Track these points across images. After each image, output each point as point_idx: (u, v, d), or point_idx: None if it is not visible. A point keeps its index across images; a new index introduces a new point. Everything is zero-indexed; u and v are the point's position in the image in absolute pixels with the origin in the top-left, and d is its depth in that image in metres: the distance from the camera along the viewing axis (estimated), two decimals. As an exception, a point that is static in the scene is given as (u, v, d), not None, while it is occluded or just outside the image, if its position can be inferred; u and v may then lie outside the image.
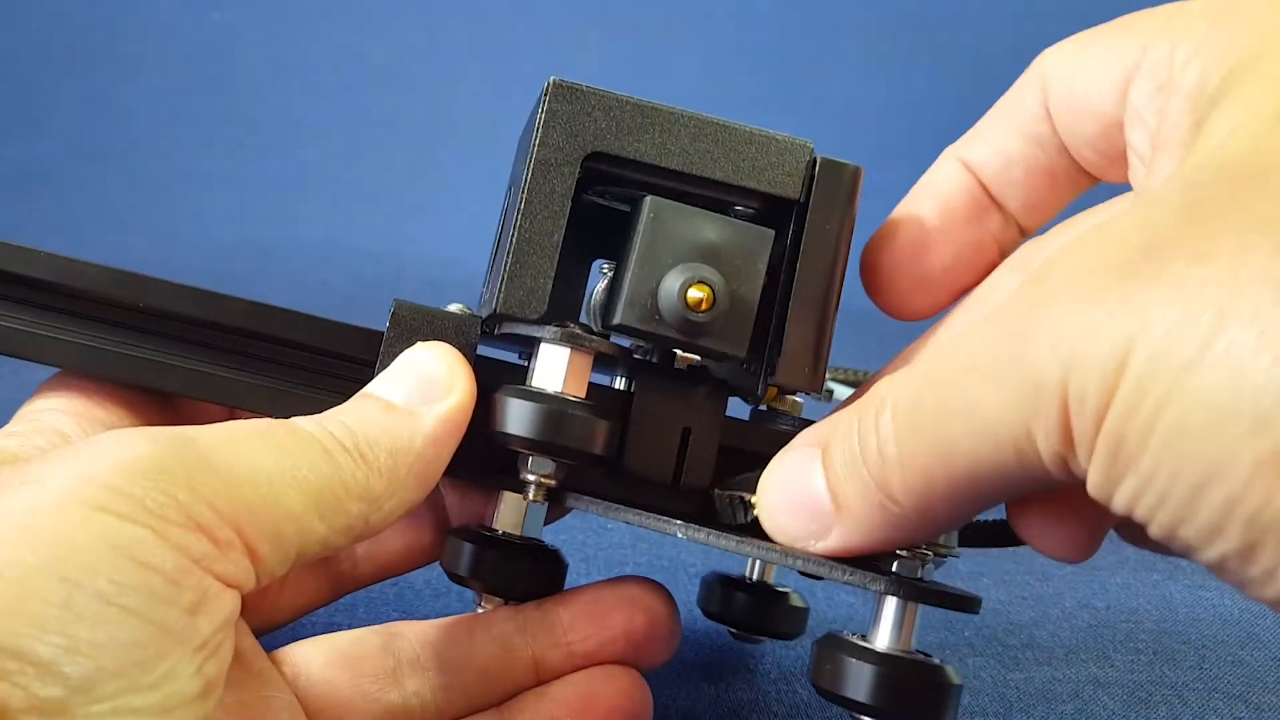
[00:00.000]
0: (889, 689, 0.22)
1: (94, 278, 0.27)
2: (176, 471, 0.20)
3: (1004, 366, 0.18)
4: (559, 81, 0.27)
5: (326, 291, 0.84)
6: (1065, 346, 0.17)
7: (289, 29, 0.94)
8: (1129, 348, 0.16)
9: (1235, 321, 0.15)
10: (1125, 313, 0.17)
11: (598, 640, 0.29)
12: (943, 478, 0.20)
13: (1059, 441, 0.18)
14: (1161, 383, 0.16)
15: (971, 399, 0.19)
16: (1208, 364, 0.16)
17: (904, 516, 0.21)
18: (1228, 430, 0.15)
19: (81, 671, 0.18)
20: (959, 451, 0.19)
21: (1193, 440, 0.16)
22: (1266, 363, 0.15)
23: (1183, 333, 0.16)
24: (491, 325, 0.28)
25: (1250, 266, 0.16)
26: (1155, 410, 0.16)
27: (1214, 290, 0.16)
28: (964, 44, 0.93)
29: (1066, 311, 0.17)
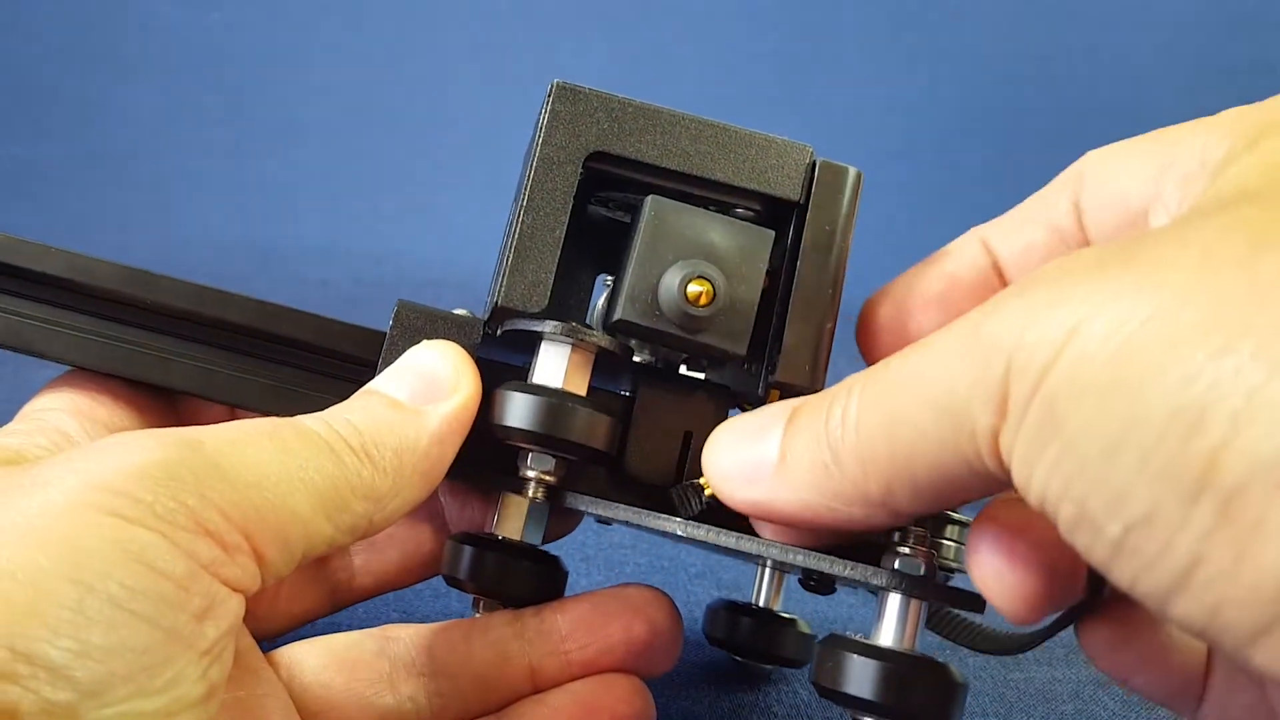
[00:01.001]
0: (895, 685, 0.21)
1: (103, 274, 0.28)
2: (185, 477, 0.20)
3: (961, 339, 0.19)
4: (562, 83, 0.27)
5: (326, 291, 0.84)
6: (1021, 321, 0.17)
7: (288, 29, 0.94)
8: (1086, 319, 0.16)
9: (1191, 296, 0.16)
10: (1090, 290, 0.17)
11: (595, 649, 0.29)
12: (885, 451, 0.20)
13: (995, 411, 0.18)
14: (1104, 350, 0.16)
15: (924, 368, 0.19)
16: (1151, 331, 0.16)
17: (840, 482, 0.21)
18: (1155, 387, 0.15)
19: (92, 676, 0.18)
20: (904, 420, 0.19)
21: (1118, 400, 0.16)
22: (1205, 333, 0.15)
23: (1140, 305, 0.16)
24: (494, 325, 0.28)
25: (1219, 253, 0.16)
26: (1091, 377, 0.16)
27: (1180, 271, 0.16)
28: (964, 44, 0.93)
29: (1033, 294, 0.18)
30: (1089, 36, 0.93)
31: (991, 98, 0.92)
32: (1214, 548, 0.15)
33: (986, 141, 0.92)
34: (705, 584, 0.45)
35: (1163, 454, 0.15)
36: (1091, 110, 0.93)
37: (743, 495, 0.23)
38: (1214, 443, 0.15)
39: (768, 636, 0.33)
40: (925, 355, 0.19)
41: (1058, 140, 0.92)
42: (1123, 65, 0.93)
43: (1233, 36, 0.93)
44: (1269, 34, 0.93)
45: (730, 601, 0.34)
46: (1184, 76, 0.93)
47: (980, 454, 0.18)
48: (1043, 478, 0.17)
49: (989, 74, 0.93)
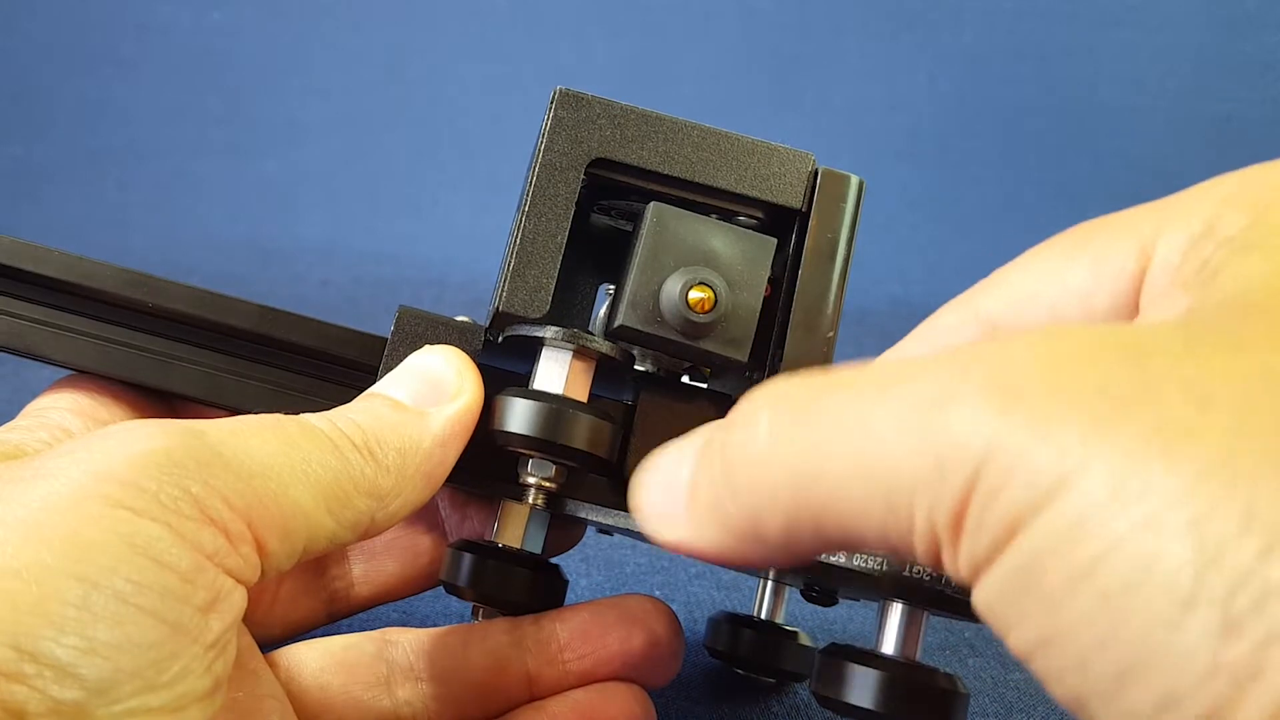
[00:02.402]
0: (896, 695, 0.21)
1: (105, 277, 0.28)
2: (188, 464, 0.20)
3: (921, 410, 0.15)
4: (565, 90, 0.27)
5: (326, 291, 0.84)
6: (1002, 431, 0.14)
7: (288, 29, 0.94)
8: (1078, 473, 0.13)
9: (1224, 491, 0.13)
10: (1087, 429, 0.14)
11: (593, 660, 0.29)
12: (789, 496, 0.17)
13: (945, 526, 0.15)
14: (1108, 532, 0.13)
15: (868, 426, 0.16)
16: (1177, 531, 0.13)
17: (734, 519, 0.18)
18: (1188, 620, 0.12)
19: (99, 673, 0.18)
20: (825, 474, 0.16)
21: (1136, 617, 0.13)
22: (1253, 551, 0.12)
23: (1154, 483, 0.13)
24: (495, 331, 0.28)
25: (1252, 430, 0.13)
26: (1091, 563, 0.13)
27: (1205, 444, 0.13)
28: (964, 44, 0.93)
29: (1019, 395, 0.14)
30: (1089, 36, 0.93)
31: (991, 98, 0.92)
32: None
33: (987, 142, 0.92)
34: (705, 584, 0.45)
35: (1197, 711, 0.12)
36: (1091, 110, 0.93)
37: (664, 537, 0.20)
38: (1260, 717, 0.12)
39: (770, 649, 0.33)
40: (873, 399, 0.16)
41: (1058, 140, 0.93)
42: (1123, 65, 0.93)
43: (1233, 36, 0.93)
44: (1269, 34, 0.93)
45: (732, 614, 0.34)
46: (1184, 76, 0.93)
47: (910, 545, 0.16)
48: (1025, 646, 0.15)
49: (989, 74, 0.93)
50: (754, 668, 0.34)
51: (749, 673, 0.35)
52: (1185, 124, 0.93)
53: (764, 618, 0.34)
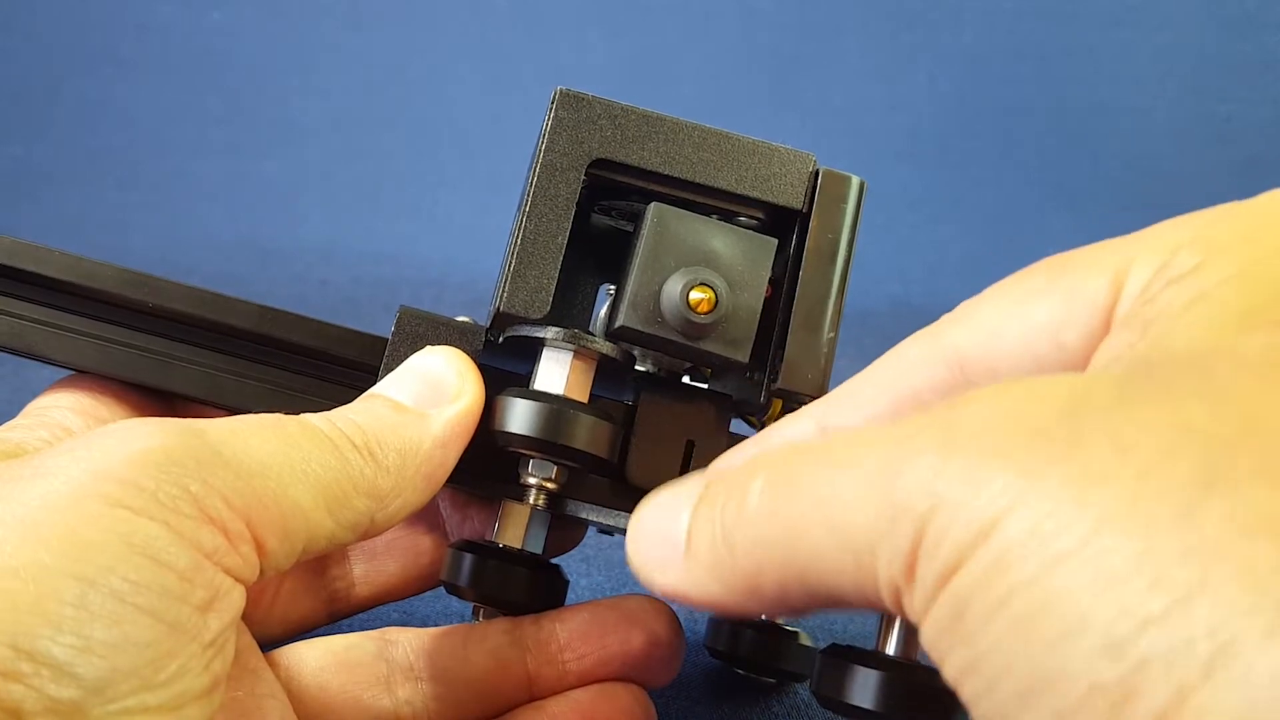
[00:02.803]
0: (897, 696, 0.21)
1: (105, 277, 0.28)
2: (187, 463, 0.20)
3: (878, 476, 0.17)
4: (565, 91, 0.27)
5: (326, 291, 0.84)
6: (943, 486, 0.15)
7: (288, 29, 0.94)
8: (1005, 515, 0.15)
9: (1124, 531, 0.14)
10: (1015, 478, 0.15)
11: (593, 660, 0.28)
12: (780, 556, 0.18)
13: (900, 574, 0.16)
14: (1023, 566, 0.14)
15: (837, 492, 0.17)
16: (1078, 565, 0.14)
17: (734, 575, 0.19)
18: (1076, 643, 0.14)
19: (96, 672, 0.18)
20: (804, 535, 0.18)
21: (1036, 641, 0.14)
22: (1140, 586, 0.13)
23: (1067, 523, 0.14)
24: (496, 331, 0.28)
25: (1160, 477, 0.14)
26: (1007, 593, 0.14)
27: (1115, 489, 0.14)
28: (964, 44, 0.93)
29: (960, 452, 0.16)
30: (1089, 36, 0.93)
31: (991, 98, 0.92)
32: None
33: (987, 142, 0.92)
34: (706, 586, 0.45)
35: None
36: (1091, 110, 0.93)
37: (658, 583, 0.21)
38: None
39: (770, 649, 0.33)
40: (840, 468, 0.17)
41: (1058, 140, 0.92)
42: (1123, 65, 0.93)
43: (1233, 36, 0.93)
44: (1269, 34, 0.93)
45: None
46: (1184, 76, 0.93)
47: (880, 597, 0.17)
48: (953, 674, 0.16)
49: (989, 74, 0.93)
50: (754, 668, 0.34)
51: (749, 673, 0.35)
52: (1185, 124, 0.92)
53: (764, 618, 0.34)
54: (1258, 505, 0.13)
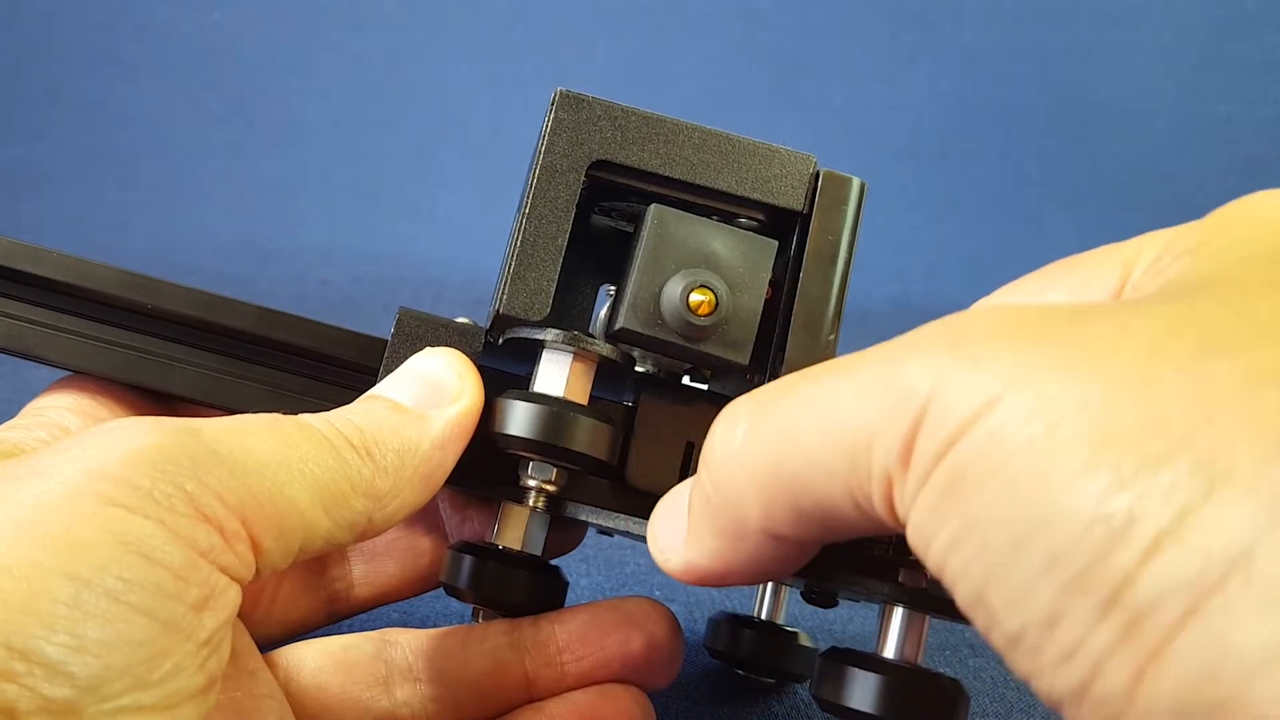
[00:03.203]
0: (897, 699, 0.21)
1: (104, 278, 0.28)
2: (183, 461, 0.20)
3: (878, 370, 0.17)
4: (566, 92, 0.27)
5: (326, 291, 0.84)
6: (949, 369, 0.16)
7: (289, 29, 0.94)
8: (1011, 386, 0.15)
9: (1129, 389, 0.15)
10: (1021, 356, 0.16)
11: (592, 662, 0.28)
12: (766, 472, 0.19)
13: (896, 459, 0.17)
14: (1028, 428, 0.15)
15: (835, 396, 0.18)
16: (1084, 421, 0.15)
17: (717, 510, 0.20)
18: (1079, 484, 0.14)
19: (90, 671, 0.18)
20: (796, 441, 0.18)
21: (1036, 490, 0.15)
22: (1146, 429, 0.14)
23: (1072, 387, 0.15)
24: (495, 333, 0.28)
25: (1165, 347, 0.15)
26: (1008, 456, 0.15)
27: (1120, 358, 0.15)
28: (964, 44, 0.93)
29: (961, 345, 0.16)
30: (1089, 37, 0.93)
31: (991, 98, 0.92)
32: (1114, 665, 0.14)
33: (987, 142, 0.92)
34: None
35: (1076, 561, 0.14)
36: (1091, 110, 0.93)
37: (672, 563, 0.22)
38: (1133, 559, 0.14)
39: (770, 650, 0.33)
40: (839, 376, 0.18)
41: (1058, 140, 0.92)
42: (1123, 65, 0.93)
43: (1233, 37, 0.93)
44: (1269, 34, 0.93)
45: (732, 614, 0.34)
46: (1184, 76, 0.93)
47: (871, 498, 0.17)
48: (940, 551, 0.16)
49: (989, 74, 0.93)
50: (754, 668, 0.34)
51: (749, 673, 0.35)
52: (1185, 124, 0.92)
53: (764, 618, 0.34)
54: (1262, 363, 0.14)
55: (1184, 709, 0.13)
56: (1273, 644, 0.13)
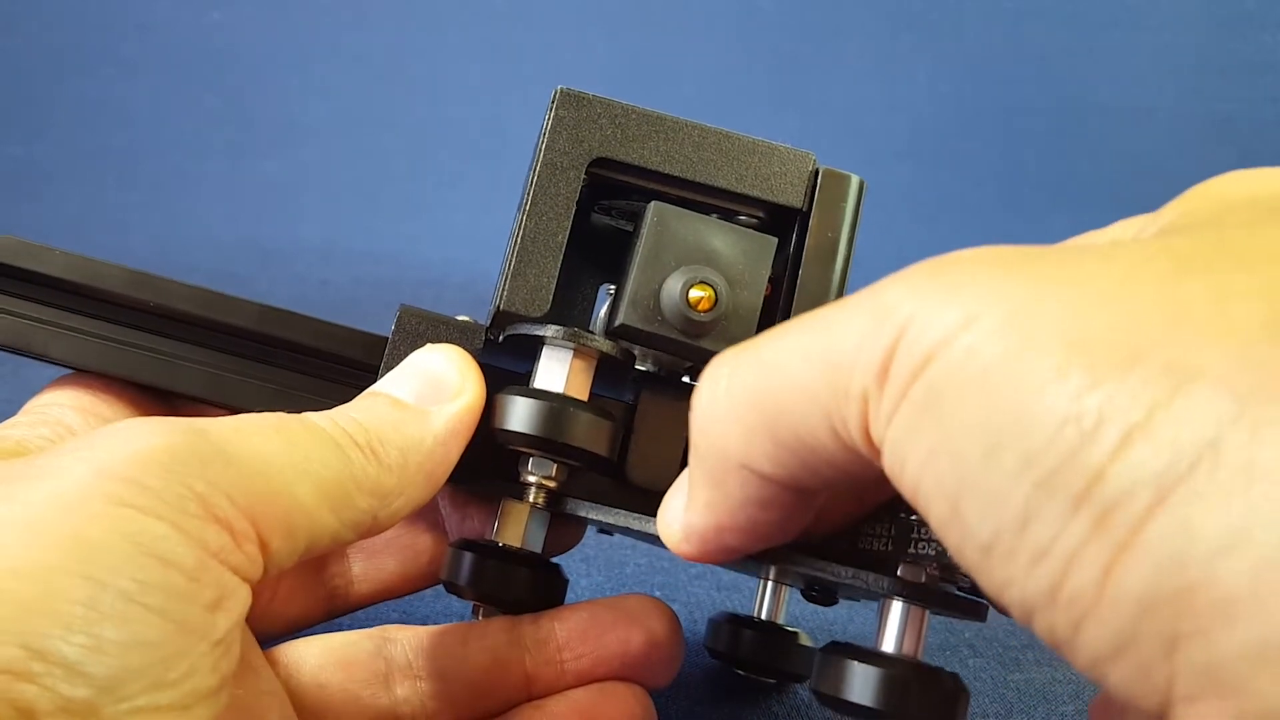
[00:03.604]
0: (896, 693, 0.21)
1: (107, 277, 0.28)
2: (192, 462, 0.20)
3: (863, 298, 0.18)
4: (566, 90, 0.27)
5: (327, 291, 0.84)
6: (930, 291, 0.17)
7: (289, 29, 0.94)
8: (989, 305, 0.16)
9: (1105, 305, 0.15)
10: (999, 280, 0.16)
11: (591, 660, 0.28)
12: (747, 401, 0.19)
13: (874, 378, 0.17)
14: (1004, 340, 0.15)
15: (815, 321, 0.19)
16: (1059, 331, 0.15)
17: (704, 453, 0.21)
18: (1053, 387, 0.15)
19: (107, 671, 0.18)
20: (780, 367, 0.19)
21: (1011, 396, 0.15)
22: (1119, 338, 0.15)
23: (1049, 304, 0.16)
24: (496, 330, 0.28)
25: (1141, 270, 0.16)
26: (984, 368, 0.15)
27: (1098, 282, 0.16)
28: (964, 44, 0.93)
29: (944, 272, 0.17)
30: (1089, 37, 0.93)
31: (991, 98, 0.92)
32: (1084, 561, 0.14)
33: (987, 142, 0.92)
34: (705, 584, 0.45)
35: (1048, 461, 0.15)
36: (1091, 110, 0.93)
37: (675, 533, 0.22)
38: (1104, 455, 0.14)
39: (770, 650, 0.33)
40: (825, 310, 0.19)
41: (1058, 140, 0.93)
42: (1123, 65, 0.93)
43: (1233, 36, 0.93)
44: (1269, 34, 0.93)
45: (732, 615, 0.34)
46: (1184, 76, 0.93)
47: (846, 421, 0.18)
48: (915, 469, 0.17)
49: (989, 74, 0.93)
50: (755, 668, 0.34)
51: (750, 673, 0.35)
52: (1185, 124, 0.93)
53: (764, 618, 0.34)
54: (1233, 283, 0.15)
55: (1151, 598, 0.14)
56: (1237, 528, 0.13)
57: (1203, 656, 0.13)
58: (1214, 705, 0.13)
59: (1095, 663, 0.15)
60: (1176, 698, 0.14)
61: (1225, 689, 0.13)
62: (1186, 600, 0.13)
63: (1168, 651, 0.14)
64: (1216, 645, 0.13)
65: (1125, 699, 0.15)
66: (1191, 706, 0.14)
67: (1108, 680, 0.15)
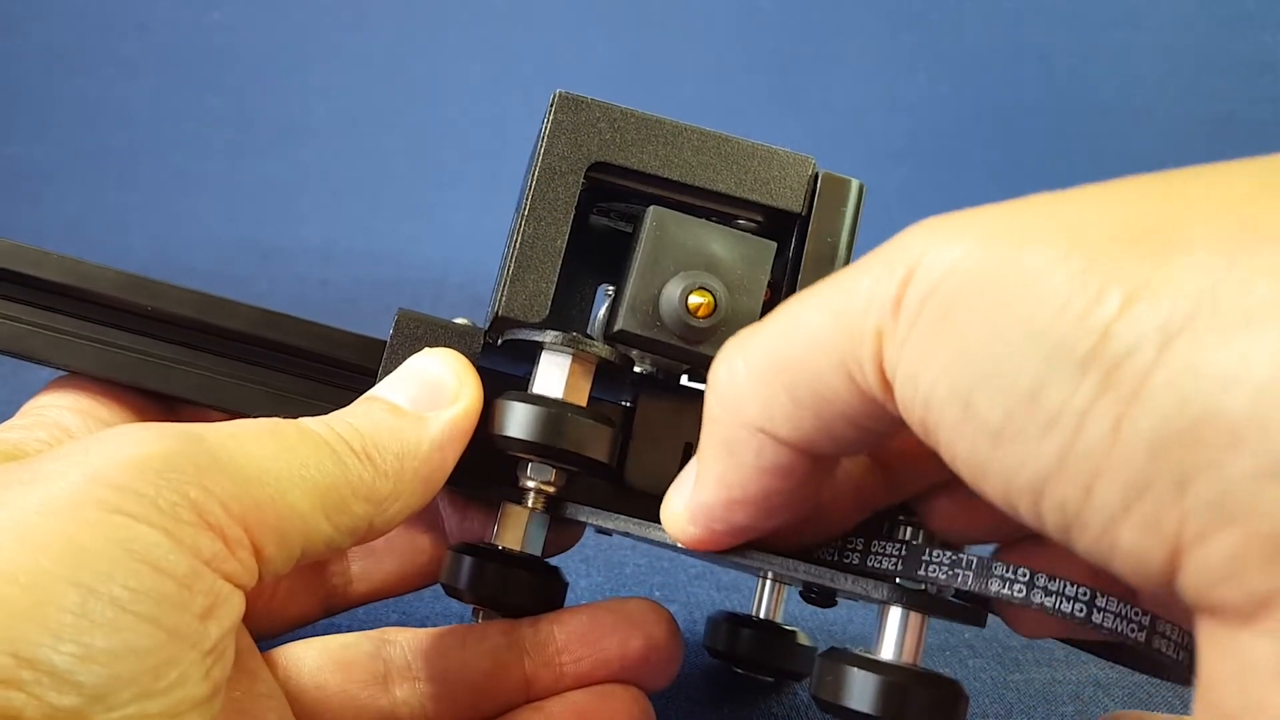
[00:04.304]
0: (895, 699, 0.21)
1: (103, 280, 0.28)
2: (186, 468, 0.20)
3: (872, 253, 0.19)
4: (565, 94, 0.27)
5: (326, 291, 0.84)
6: (934, 234, 0.18)
7: (289, 29, 0.94)
8: (991, 237, 0.17)
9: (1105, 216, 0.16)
10: (1000, 220, 0.17)
11: (590, 663, 0.28)
12: (768, 363, 0.20)
13: (889, 313, 0.18)
14: (1007, 258, 0.17)
15: (834, 279, 0.19)
16: (1054, 236, 0.16)
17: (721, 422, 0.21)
18: (1052, 275, 0.16)
19: (97, 680, 0.18)
20: (798, 323, 0.20)
21: (1012, 293, 0.16)
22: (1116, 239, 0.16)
23: (1043, 225, 0.17)
24: (494, 334, 0.28)
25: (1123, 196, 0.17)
26: (990, 279, 0.16)
27: (1098, 203, 0.17)
28: (964, 44, 0.93)
29: (956, 217, 0.18)
30: (1089, 36, 0.93)
31: (991, 98, 0.92)
32: (1094, 418, 0.15)
33: (987, 142, 0.92)
34: (705, 585, 0.45)
35: (1055, 333, 0.15)
36: (1092, 110, 0.93)
37: (685, 524, 0.23)
38: (1109, 315, 0.15)
39: (769, 649, 0.33)
40: (837, 273, 0.20)
41: (1058, 140, 0.92)
42: (1123, 65, 0.93)
43: (1233, 36, 0.93)
44: (1269, 34, 0.93)
45: (731, 613, 0.34)
46: (1184, 76, 0.93)
47: (862, 363, 0.18)
48: (928, 385, 0.17)
49: (989, 74, 0.93)
50: (753, 667, 0.34)
51: (748, 672, 0.35)
52: (1185, 124, 0.92)
53: (763, 617, 0.34)
54: (1221, 176, 0.16)
55: (1160, 441, 0.14)
56: (1237, 363, 0.14)
57: (1212, 488, 0.14)
58: (1223, 537, 0.14)
59: (1106, 528, 0.15)
60: (1186, 542, 0.14)
61: (1234, 515, 0.14)
62: (1194, 437, 0.14)
63: (1178, 492, 0.14)
64: (1224, 472, 0.14)
65: (1134, 569, 0.15)
66: (1201, 547, 0.14)
67: (1117, 549, 0.15)
